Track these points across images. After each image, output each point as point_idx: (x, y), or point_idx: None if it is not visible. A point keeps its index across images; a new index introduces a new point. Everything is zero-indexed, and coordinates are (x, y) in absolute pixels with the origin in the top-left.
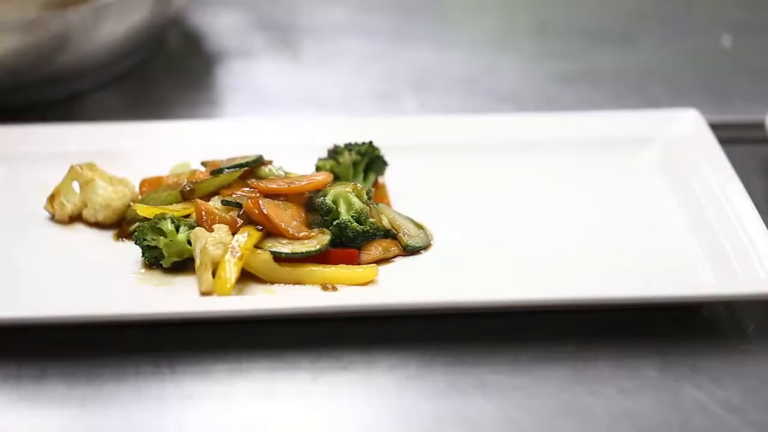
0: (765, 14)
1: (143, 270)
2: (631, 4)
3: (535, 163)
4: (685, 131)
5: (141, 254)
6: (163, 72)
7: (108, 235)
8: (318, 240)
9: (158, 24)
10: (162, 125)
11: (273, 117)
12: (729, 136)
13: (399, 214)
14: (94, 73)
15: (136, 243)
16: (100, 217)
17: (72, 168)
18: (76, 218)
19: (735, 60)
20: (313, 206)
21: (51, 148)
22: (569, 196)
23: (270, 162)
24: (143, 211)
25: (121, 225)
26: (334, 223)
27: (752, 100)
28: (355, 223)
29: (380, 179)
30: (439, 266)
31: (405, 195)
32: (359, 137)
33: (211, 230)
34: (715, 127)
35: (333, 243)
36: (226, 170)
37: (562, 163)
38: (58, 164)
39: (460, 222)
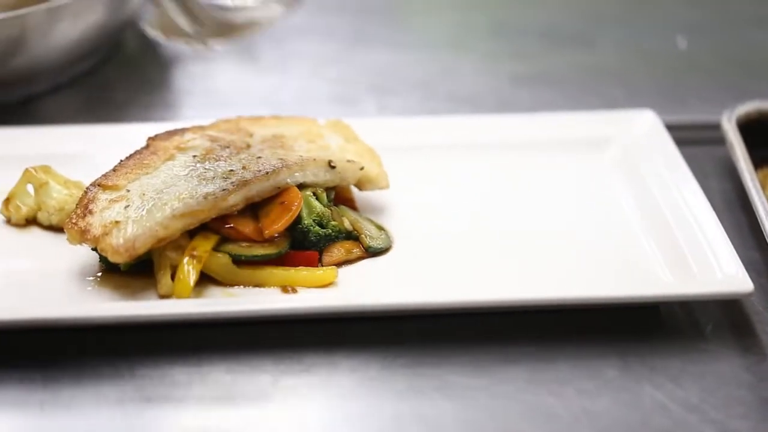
0: (719, 15)
1: (100, 273)
2: (587, 5)
3: (494, 164)
4: (642, 132)
5: (98, 258)
6: (119, 75)
7: (63, 238)
8: (277, 243)
9: (113, 26)
10: (117, 128)
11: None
12: (685, 136)
13: (360, 215)
14: (50, 76)
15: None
16: (55, 220)
17: (26, 171)
18: (31, 221)
19: (690, 61)
20: None
21: (5, 150)
22: (528, 197)
23: None
24: None
25: None
26: (297, 227)
27: (708, 101)
28: (317, 227)
29: None
30: (400, 268)
31: (366, 196)
32: None
33: None
34: (672, 128)
35: (293, 245)
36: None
37: (520, 164)
38: (13, 167)
39: (420, 223)
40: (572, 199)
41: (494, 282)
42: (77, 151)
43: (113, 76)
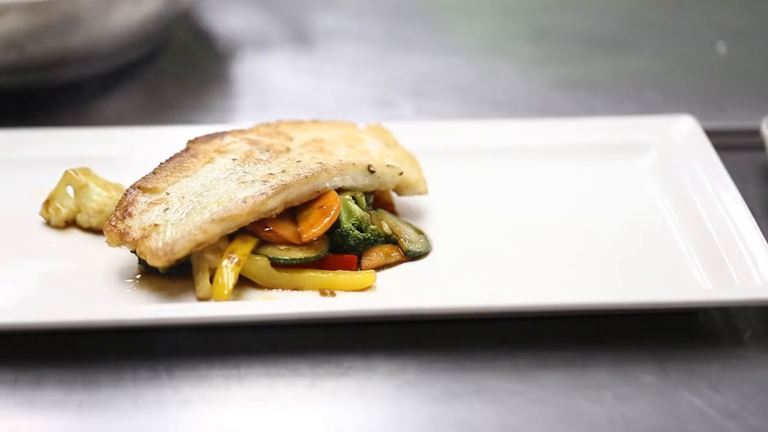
0: (759, 21)
1: (139, 275)
2: (628, 10)
3: (532, 169)
4: (681, 137)
5: (137, 260)
6: (165, 74)
7: (103, 241)
8: (316, 246)
9: (169, 16)
10: (156, 130)
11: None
12: (725, 142)
13: (399, 219)
14: (102, 60)
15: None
16: (94, 222)
17: (66, 173)
18: (71, 223)
19: (730, 66)
20: None
21: (46, 152)
22: (566, 202)
23: None
24: None
25: None
26: (336, 231)
27: (747, 107)
28: (356, 231)
29: None
30: (439, 272)
31: (404, 200)
32: None
33: None
34: (711, 134)
35: (332, 248)
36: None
37: (558, 169)
38: (53, 169)
39: (459, 227)
40: (611, 205)
41: (532, 286)
42: (117, 153)
43: (157, 74)
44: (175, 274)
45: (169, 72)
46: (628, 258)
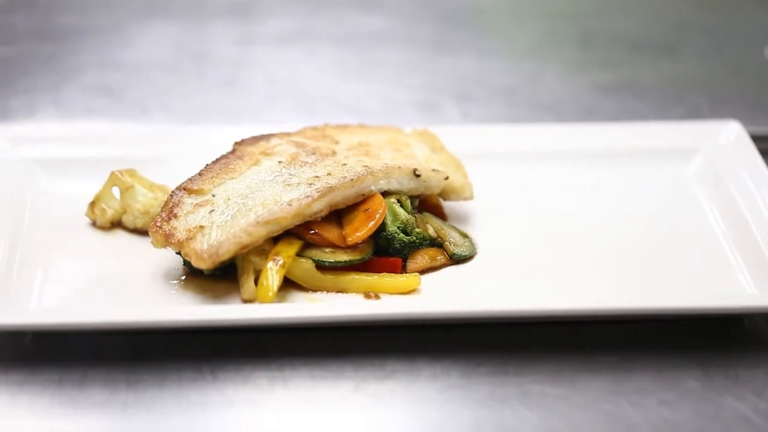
0: None
1: (184, 276)
2: (674, 14)
3: (577, 173)
4: (727, 143)
5: (182, 261)
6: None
7: (148, 242)
8: (361, 249)
9: None
10: (202, 131)
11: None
12: None
13: (444, 222)
14: None
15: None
16: (139, 223)
17: (112, 174)
18: (116, 224)
19: None
20: None
21: (91, 153)
22: (611, 207)
23: None
24: None
25: None
26: (381, 234)
27: None
28: (401, 234)
29: None
30: (484, 275)
31: (449, 203)
32: None
33: None
34: (757, 139)
35: (377, 251)
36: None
37: (603, 173)
38: (99, 170)
39: (504, 231)
40: (655, 209)
41: (576, 291)
42: (162, 154)
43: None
44: (220, 276)
45: (213, 74)
46: (673, 263)
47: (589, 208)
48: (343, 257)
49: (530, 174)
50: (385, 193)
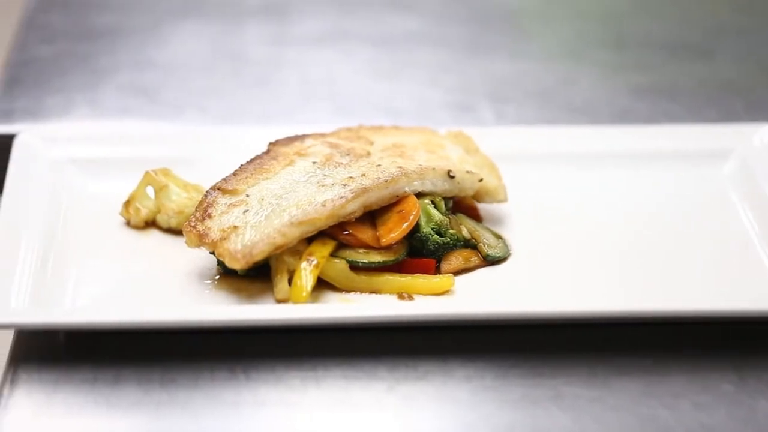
0: None
1: (218, 276)
2: (709, 16)
3: (611, 176)
4: (762, 146)
5: (216, 261)
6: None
7: (182, 241)
8: (395, 250)
9: None
10: (237, 131)
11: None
12: None
13: (478, 224)
14: None
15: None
16: (173, 223)
17: (147, 173)
18: (150, 224)
19: None
20: None
21: (126, 153)
22: (645, 209)
23: None
24: None
25: None
26: (415, 235)
27: None
28: (435, 236)
29: None
30: (518, 277)
31: (483, 205)
32: None
33: None
34: None
35: (411, 252)
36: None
37: (637, 175)
38: (133, 169)
39: (537, 233)
40: (689, 212)
41: (611, 293)
42: (197, 154)
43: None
44: (254, 276)
45: (248, 74)
46: (708, 265)
47: (623, 210)
48: (376, 258)
49: (564, 176)
50: (419, 195)
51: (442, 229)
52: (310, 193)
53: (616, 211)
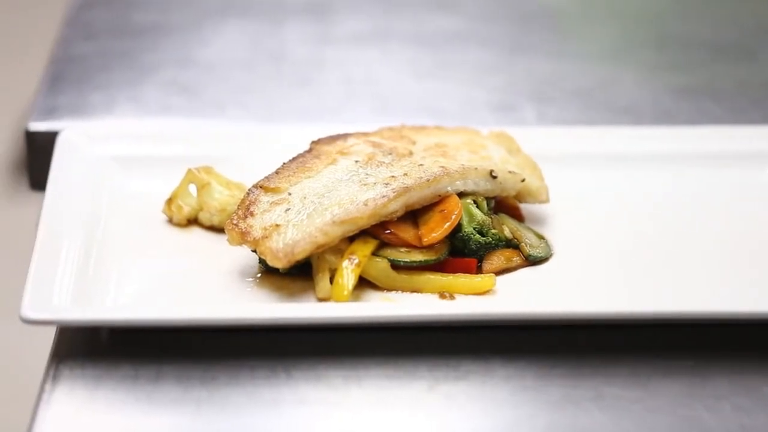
0: None
1: (260, 274)
2: (751, 17)
3: (653, 176)
4: None
5: (258, 259)
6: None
7: (224, 239)
8: (436, 249)
9: None
10: (280, 130)
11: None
12: None
13: (519, 223)
14: None
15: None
16: (216, 221)
17: (189, 171)
18: (193, 221)
19: None
20: None
21: (169, 151)
22: (687, 210)
23: None
24: None
25: None
26: (457, 235)
27: None
28: (477, 235)
29: None
30: (559, 277)
31: (525, 205)
32: None
33: None
34: None
35: (452, 252)
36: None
37: (680, 176)
38: (177, 167)
39: (579, 233)
40: (732, 213)
41: (652, 294)
42: (239, 151)
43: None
44: (296, 274)
45: (289, 73)
46: (749, 267)
47: (664, 211)
48: (418, 257)
49: (606, 176)
50: (461, 194)
51: (484, 229)
52: (352, 192)
53: (657, 212)
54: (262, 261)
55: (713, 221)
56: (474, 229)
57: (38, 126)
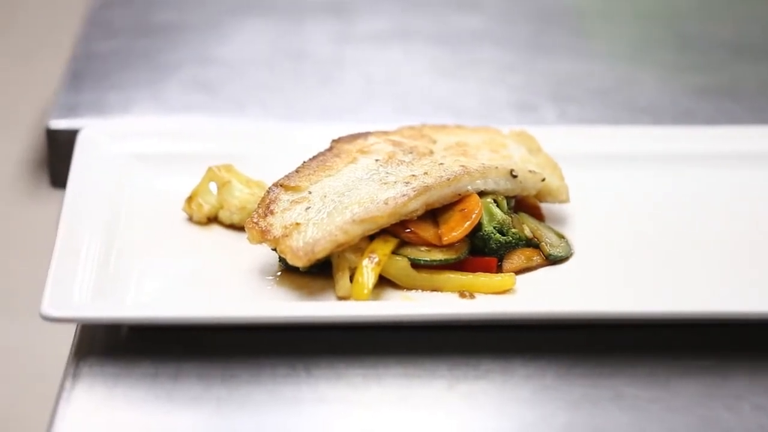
0: None
1: (280, 273)
2: None
3: (674, 176)
4: None
5: (278, 257)
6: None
7: (244, 237)
8: (456, 248)
9: None
10: (300, 128)
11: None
12: None
13: (540, 223)
14: None
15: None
16: (236, 219)
17: (209, 169)
18: (213, 219)
19: None
20: None
21: (189, 149)
22: (708, 209)
23: None
24: None
25: None
26: (477, 234)
27: None
28: (497, 234)
29: None
30: (580, 276)
31: (545, 204)
32: None
33: None
34: None
35: (472, 251)
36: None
37: (700, 176)
38: (197, 165)
39: (600, 232)
40: (752, 214)
41: (672, 294)
42: (259, 150)
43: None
44: (316, 273)
45: (310, 71)
46: None
47: (685, 211)
48: (438, 256)
49: (627, 176)
50: (481, 194)
51: (505, 228)
52: (372, 191)
53: (677, 212)
54: (282, 259)
55: (732, 221)
56: (494, 228)
57: (59, 124)
